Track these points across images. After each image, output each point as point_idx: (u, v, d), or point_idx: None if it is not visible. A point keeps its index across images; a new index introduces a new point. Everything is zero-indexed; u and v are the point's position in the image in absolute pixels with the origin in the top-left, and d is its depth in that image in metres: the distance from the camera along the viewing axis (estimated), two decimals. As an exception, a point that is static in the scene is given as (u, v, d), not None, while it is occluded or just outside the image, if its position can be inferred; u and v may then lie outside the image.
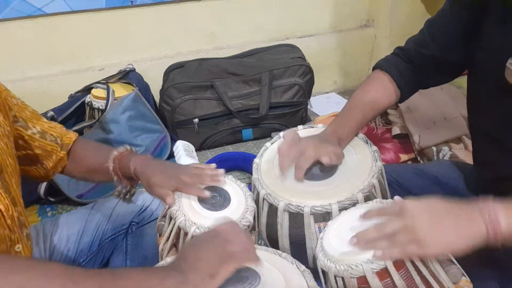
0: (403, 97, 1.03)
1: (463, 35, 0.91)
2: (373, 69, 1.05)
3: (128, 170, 0.89)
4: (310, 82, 1.91)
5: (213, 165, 0.92)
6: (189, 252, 0.64)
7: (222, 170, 0.90)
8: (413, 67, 1.00)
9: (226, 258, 0.63)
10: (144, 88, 1.82)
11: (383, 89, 1.01)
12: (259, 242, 0.96)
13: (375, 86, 1.02)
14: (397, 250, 0.64)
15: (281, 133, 1.03)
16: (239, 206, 0.86)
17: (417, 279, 0.65)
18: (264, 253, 0.78)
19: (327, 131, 0.96)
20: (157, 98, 1.89)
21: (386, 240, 0.66)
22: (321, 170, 0.90)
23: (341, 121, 0.97)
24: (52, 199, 1.56)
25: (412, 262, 0.65)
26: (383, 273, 0.64)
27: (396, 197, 0.76)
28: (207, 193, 0.84)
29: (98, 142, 1.01)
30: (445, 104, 1.71)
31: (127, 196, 0.96)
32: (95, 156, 0.96)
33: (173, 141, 1.70)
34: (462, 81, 1.07)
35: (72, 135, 0.97)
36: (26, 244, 0.80)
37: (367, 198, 0.83)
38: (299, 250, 0.86)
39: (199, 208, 0.83)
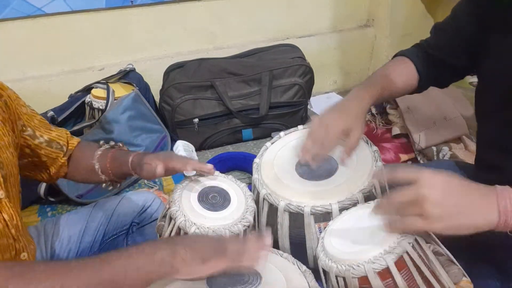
0: (421, 84, 1.03)
1: (466, 43, 0.93)
2: (394, 56, 1.06)
3: (126, 166, 0.90)
4: (310, 82, 1.91)
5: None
6: (190, 236, 0.67)
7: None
8: (429, 62, 1.01)
9: (221, 252, 0.63)
10: (144, 88, 1.82)
11: (406, 70, 1.01)
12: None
13: (398, 67, 1.02)
14: (403, 224, 0.64)
15: (281, 133, 1.03)
16: (239, 206, 0.86)
17: (419, 280, 0.65)
18: None
19: (348, 100, 0.93)
20: (157, 98, 1.88)
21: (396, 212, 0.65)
22: (322, 170, 0.90)
23: (361, 89, 0.95)
24: (52, 199, 1.56)
25: (414, 262, 0.65)
26: (385, 273, 0.64)
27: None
28: (189, 168, 0.84)
29: (95, 143, 1.01)
30: (445, 104, 1.71)
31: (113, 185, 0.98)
32: (90, 156, 0.96)
33: (173, 141, 1.70)
34: (462, 80, 1.08)
35: (75, 141, 0.98)
36: (30, 252, 0.81)
37: (368, 198, 0.83)
38: (299, 250, 0.86)
39: (199, 209, 0.83)
